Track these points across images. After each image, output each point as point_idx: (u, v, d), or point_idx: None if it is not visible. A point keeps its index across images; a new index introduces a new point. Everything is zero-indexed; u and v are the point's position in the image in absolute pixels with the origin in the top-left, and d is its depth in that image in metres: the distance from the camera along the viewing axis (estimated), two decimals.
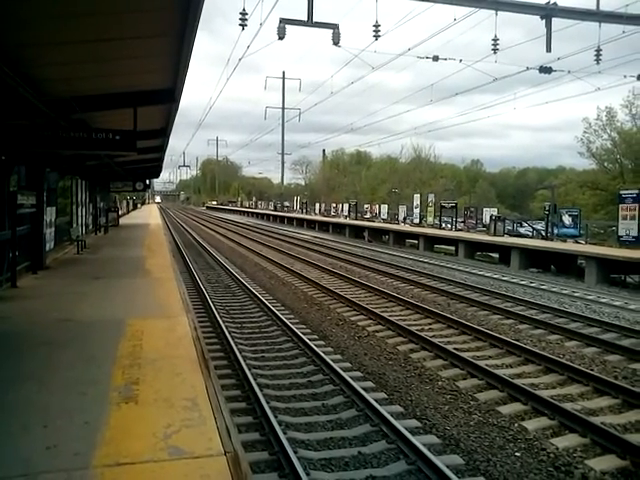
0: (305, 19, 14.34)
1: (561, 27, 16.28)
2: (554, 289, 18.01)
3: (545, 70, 15.85)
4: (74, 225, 19.18)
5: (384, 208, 43.04)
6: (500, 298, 15.73)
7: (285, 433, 6.66)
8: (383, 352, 10.46)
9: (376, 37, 14.65)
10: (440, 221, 34.41)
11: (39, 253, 12.86)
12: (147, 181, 31.46)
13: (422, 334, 11.18)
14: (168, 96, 8.46)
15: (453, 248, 30.16)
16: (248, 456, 5.10)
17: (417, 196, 37.72)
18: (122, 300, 9.62)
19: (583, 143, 47.12)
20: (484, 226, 29.96)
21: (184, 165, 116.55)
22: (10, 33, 4.54)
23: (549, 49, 15.78)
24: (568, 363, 9.31)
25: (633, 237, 20.84)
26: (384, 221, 41.67)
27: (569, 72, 16.90)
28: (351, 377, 8.57)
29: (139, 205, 76.67)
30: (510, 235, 29.14)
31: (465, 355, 9.79)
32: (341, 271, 20.88)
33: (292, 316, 13.30)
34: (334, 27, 14.63)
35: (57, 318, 8.02)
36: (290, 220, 59.32)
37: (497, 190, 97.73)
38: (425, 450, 6.20)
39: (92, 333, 7.19)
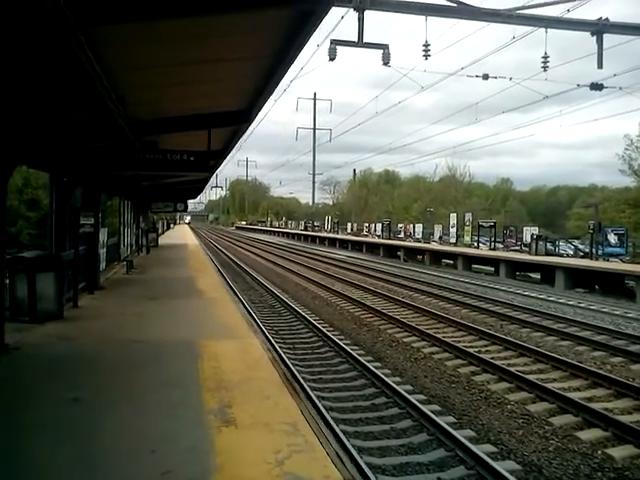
0: (355, 40, 14.40)
1: (607, 46, 16.10)
2: (604, 309, 17.62)
3: (596, 87, 15.65)
4: (122, 246, 19.44)
5: (419, 227, 42.78)
6: (551, 319, 15.41)
7: (361, 457, 6.54)
8: (444, 374, 10.27)
9: (426, 57, 14.67)
10: (478, 240, 34.02)
11: (94, 273, 13.03)
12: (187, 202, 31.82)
13: (481, 356, 10.97)
14: (243, 117, 8.55)
15: (492, 268, 29.77)
16: None
17: (453, 215, 37.44)
18: (185, 321, 9.66)
19: (624, 160, 46.45)
20: (525, 245, 29.53)
21: (217, 186, 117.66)
22: (110, 57, 4.63)
23: (600, 66, 15.55)
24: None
25: None
26: (418, 240, 41.39)
27: (620, 88, 16.70)
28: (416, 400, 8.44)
29: (172, 225, 77.60)
30: (550, 254, 28.66)
31: (531, 378, 9.56)
32: (383, 291, 20.71)
33: (342, 337, 13.20)
34: (384, 47, 14.68)
35: (126, 339, 8.07)
36: (322, 240, 59.34)
37: (527, 208, 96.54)
38: (510, 477, 6.02)
39: (166, 354, 7.20)
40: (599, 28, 15.63)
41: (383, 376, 9.72)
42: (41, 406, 5.16)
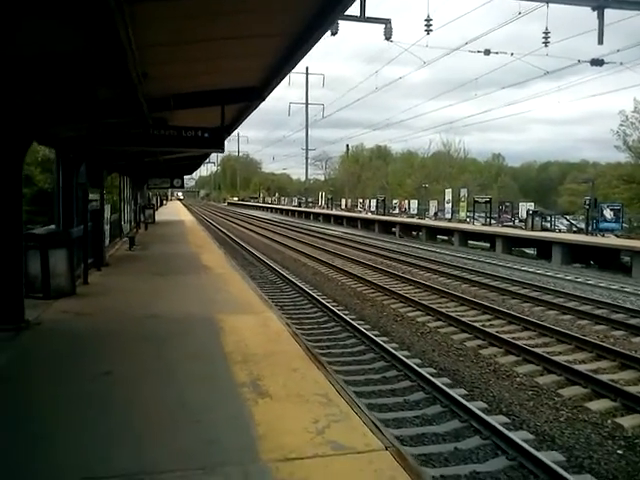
0: (357, 14, 14.31)
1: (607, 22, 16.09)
2: (602, 284, 17.88)
3: (597, 62, 15.68)
4: (122, 222, 19.41)
5: (414, 203, 42.87)
6: (551, 294, 15.63)
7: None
8: (451, 348, 10.43)
9: (428, 31, 14.62)
10: (473, 216, 34.19)
11: (101, 250, 13.05)
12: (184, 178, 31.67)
13: (487, 330, 11.16)
14: (257, 94, 8.51)
15: (487, 244, 30.00)
16: None
17: (449, 191, 37.53)
18: (197, 296, 9.73)
19: (619, 136, 46.57)
20: (521, 221, 29.74)
21: (209, 162, 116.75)
22: (140, 33, 4.60)
23: (601, 42, 15.59)
24: None
25: None
26: (413, 216, 41.53)
27: (621, 64, 16.75)
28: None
29: (165, 202, 77.20)
30: (545, 230, 28.89)
31: (538, 351, 9.76)
32: (383, 267, 20.85)
33: (347, 312, 13.32)
34: (386, 22, 14.61)
35: (143, 314, 8.14)
36: (316, 216, 59.34)
37: (519, 184, 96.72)
38: (526, 446, 6.21)
39: (187, 329, 7.29)
40: (600, 3, 15.62)
41: (392, 350, 9.89)
42: (76, 380, 5.25)
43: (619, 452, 6.39)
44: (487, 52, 16.21)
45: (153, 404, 4.66)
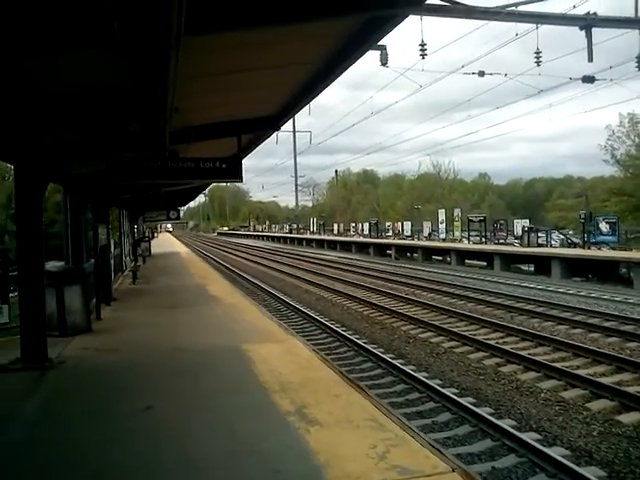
0: None
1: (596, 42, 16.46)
2: (605, 296, 18.00)
3: (588, 79, 16.03)
4: (123, 256, 19.30)
5: (407, 225, 43.10)
6: (557, 308, 15.71)
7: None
8: (469, 367, 10.39)
9: (423, 56, 14.86)
10: (469, 235, 34.42)
11: (109, 285, 12.95)
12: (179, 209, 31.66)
13: (503, 347, 11.16)
14: (272, 124, 8.57)
15: (484, 262, 30.13)
16: None
17: (442, 211, 37.82)
18: (216, 327, 9.66)
19: (607, 150, 47.48)
20: (516, 238, 29.99)
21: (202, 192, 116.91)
22: (180, 67, 4.62)
23: (591, 59, 15.95)
24: None
25: None
26: (408, 238, 41.71)
27: (611, 80, 17.12)
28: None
29: (155, 234, 76.96)
30: (539, 246, 29.10)
31: (557, 365, 9.77)
32: (385, 289, 20.87)
33: (358, 336, 13.27)
34: (382, 48, 14.82)
35: (168, 348, 8.06)
36: (309, 242, 59.40)
37: (506, 202, 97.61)
38: (565, 462, 6.17)
39: (215, 360, 7.23)
40: (588, 22, 16.01)
41: (411, 372, 9.85)
42: (118, 416, 5.15)
43: None
44: (482, 73, 16.52)
45: (205, 436, 4.58)
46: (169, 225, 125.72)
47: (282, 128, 9.92)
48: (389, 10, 4.65)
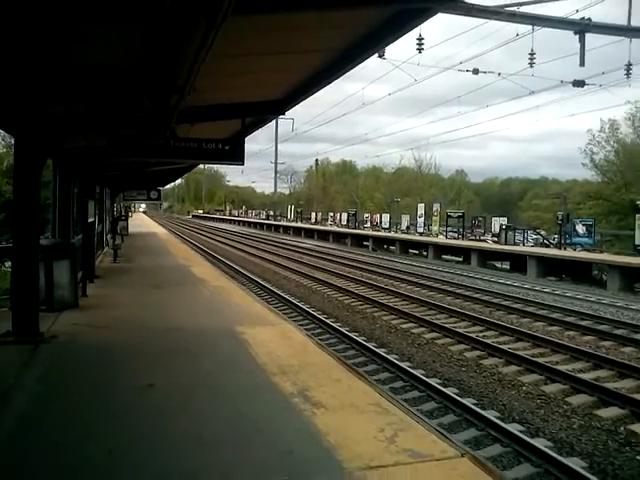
0: None
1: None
2: (579, 296, 18.41)
3: (579, 84, 16.34)
4: (104, 234, 19.07)
5: (386, 217, 43.35)
6: (534, 305, 16.04)
7: None
8: (452, 359, 10.58)
9: (419, 50, 14.95)
10: (446, 230, 34.80)
11: (92, 262, 12.82)
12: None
13: (484, 340, 11.39)
14: (278, 108, 8.53)
15: (461, 258, 30.53)
16: None
17: (421, 205, 38.14)
18: (206, 308, 9.67)
19: (586, 154, 48.55)
20: (494, 235, 30.43)
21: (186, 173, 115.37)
22: None
23: (582, 64, 16.25)
24: None
25: None
26: (386, 230, 41.98)
27: (600, 85, 17.49)
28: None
29: (130, 214, 75.96)
30: (515, 244, 29.57)
31: (538, 360, 10.02)
32: (364, 279, 21.03)
33: (340, 324, 13.39)
34: None
35: (161, 327, 8.05)
36: (286, 229, 59.34)
37: (481, 199, 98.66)
38: (551, 452, 6.38)
39: (211, 341, 7.26)
40: (582, 27, 16.30)
41: (396, 361, 10.01)
42: (120, 393, 5.15)
43: (639, 458, 6.60)
44: (475, 71, 16.72)
45: (211, 415, 4.63)
46: (143, 205, 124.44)
47: None
48: (423, 4, 4.70)
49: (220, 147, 7.91)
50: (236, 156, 8.08)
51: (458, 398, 8.16)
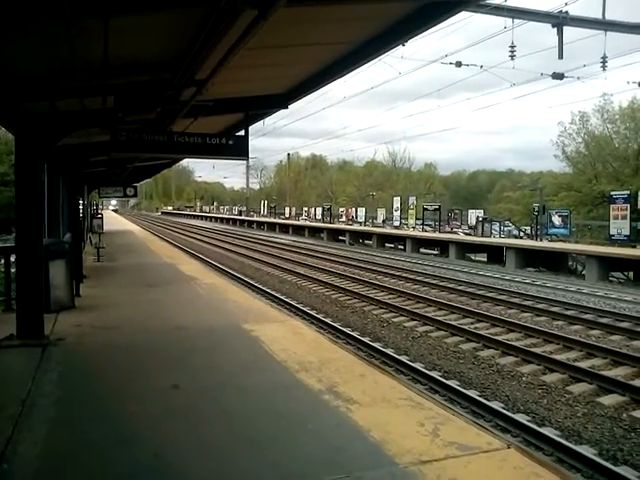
0: None
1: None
2: (560, 287, 18.78)
3: (558, 76, 16.65)
4: (86, 232, 18.68)
5: (361, 211, 43.51)
6: (518, 297, 16.32)
7: None
8: (448, 352, 10.68)
9: (403, 44, 14.96)
10: (423, 223, 35.11)
11: (80, 261, 12.54)
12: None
13: (478, 332, 11.54)
14: (282, 102, 8.44)
15: (438, 251, 30.84)
16: None
17: (397, 199, 38.36)
18: (205, 306, 9.57)
19: (558, 146, 49.63)
20: (470, 227, 30.83)
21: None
22: None
23: (561, 56, 16.52)
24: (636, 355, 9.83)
25: (625, 236, 21.98)
26: (361, 224, 42.15)
27: (578, 78, 17.83)
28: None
29: (100, 211, 74.65)
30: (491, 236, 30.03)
31: (534, 350, 10.21)
32: (348, 274, 21.08)
33: (331, 319, 13.41)
34: None
35: (166, 326, 7.93)
36: (260, 224, 59.09)
37: (450, 192, 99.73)
38: (562, 440, 6.52)
39: (222, 340, 7.18)
40: (560, 21, 16.57)
41: (394, 354, 10.09)
42: (148, 395, 5.05)
43: None
44: (458, 64, 16.87)
45: (247, 415, 4.57)
46: (114, 202, 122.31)
47: None
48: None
49: (224, 142, 7.79)
50: (241, 151, 7.98)
51: (463, 390, 8.27)
